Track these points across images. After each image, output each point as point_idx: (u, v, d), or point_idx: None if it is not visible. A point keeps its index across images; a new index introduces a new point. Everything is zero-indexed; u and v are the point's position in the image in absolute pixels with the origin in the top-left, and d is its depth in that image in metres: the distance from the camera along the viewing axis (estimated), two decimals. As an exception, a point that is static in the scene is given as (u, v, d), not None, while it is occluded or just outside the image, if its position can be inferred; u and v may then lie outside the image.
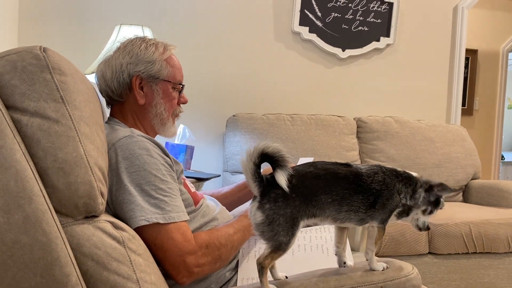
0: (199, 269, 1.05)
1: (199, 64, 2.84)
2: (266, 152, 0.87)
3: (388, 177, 0.97)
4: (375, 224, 0.98)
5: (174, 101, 1.25)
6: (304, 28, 3.02)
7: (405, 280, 0.98)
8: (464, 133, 3.08)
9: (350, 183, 0.94)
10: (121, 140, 1.06)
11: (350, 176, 0.95)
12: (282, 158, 0.88)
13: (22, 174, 0.76)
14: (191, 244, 1.03)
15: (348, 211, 0.94)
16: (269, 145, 0.87)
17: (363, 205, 0.95)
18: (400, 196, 0.98)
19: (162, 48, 1.23)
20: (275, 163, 0.88)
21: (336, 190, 0.93)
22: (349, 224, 0.99)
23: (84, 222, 0.84)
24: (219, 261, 1.10)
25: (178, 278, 1.04)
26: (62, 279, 0.78)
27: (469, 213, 2.42)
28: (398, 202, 0.98)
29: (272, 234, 0.89)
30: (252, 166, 0.88)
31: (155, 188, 1.03)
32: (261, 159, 0.88)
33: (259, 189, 0.90)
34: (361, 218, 0.97)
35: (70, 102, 0.83)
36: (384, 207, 0.97)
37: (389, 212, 0.98)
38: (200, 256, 1.04)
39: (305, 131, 2.76)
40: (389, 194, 0.97)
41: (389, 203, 0.97)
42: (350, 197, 0.94)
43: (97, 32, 2.64)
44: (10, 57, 0.81)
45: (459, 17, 3.33)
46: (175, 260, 1.01)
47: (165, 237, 1.01)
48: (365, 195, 0.95)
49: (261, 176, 0.90)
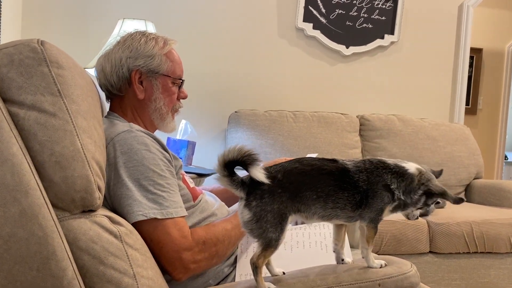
0: (195, 265, 1.04)
1: (201, 60, 2.84)
2: (229, 160, 0.87)
3: (374, 175, 0.95)
4: (365, 224, 0.97)
5: (174, 96, 1.25)
6: (308, 25, 3.00)
7: (403, 277, 0.97)
8: (467, 132, 3.07)
9: (335, 180, 0.93)
10: (120, 135, 1.06)
11: (336, 172, 0.93)
12: (247, 156, 0.86)
13: (18, 167, 0.76)
14: (188, 240, 1.03)
15: (334, 208, 0.93)
16: (228, 152, 0.86)
17: (349, 202, 0.93)
18: (391, 190, 0.95)
19: (162, 42, 1.22)
20: (243, 164, 0.87)
21: (321, 187, 0.92)
22: (337, 221, 0.97)
23: (81, 216, 0.84)
24: (216, 257, 1.09)
25: (174, 274, 1.03)
26: (58, 273, 0.77)
27: (471, 213, 2.41)
28: (388, 199, 0.95)
29: (261, 231, 0.89)
30: (226, 179, 0.88)
31: (153, 184, 1.02)
32: (228, 168, 0.88)
33: (244, 191, 0.90)
34: (349, 216, 0.95)
35: (67, 95, 0.83)
36: (371, 207, 0.95)
37: (378, 211, 0.95)
38: (196, 252, 1.04)
39: (308, 128, 2.76)
40: (376, 194, 0.94)
41: (375, 202, 0.94)
42: (335, 194, 0.92)
43: (100, 26, 2.64)
44: (7, 50, 0.81)
45: (464, 16, 3.30)
46: (171, 256, 1.01)
47: (162, 233, 1.00)
48: (350, 193, 0.93)
49: (240, 180, 0.89)
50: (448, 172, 2.87)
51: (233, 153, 0.86)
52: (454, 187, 2.89)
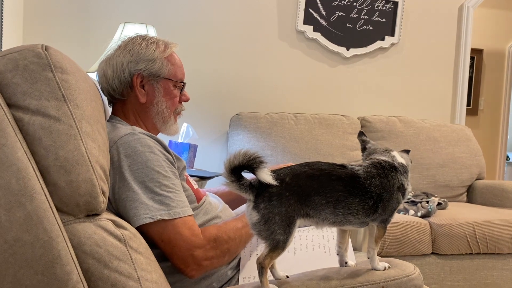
0: (208, 262, 1.05)
1: (202, 63, 2.84)
2: (235, 166, 0.87)
3: (388, 178, 0.96)
4: (376, 224, 0.97)
5: (176, 99, 1.25)
6: (309, 27, 3.01)
7: (407, 280, 0.98)
8: (468, 133, 3.07)
9: (344, 186, 0.93)
10: (123, 138, 1.06)
11: (345, 178, 0.94)
12: (253, 159, 0.87)
13: (23, 172, 0.77)
14: (199, 238, 1.04)
15: (346, 214, 0.93)
16: (233, 158, 0.87)
17: (362, 208, 0.93)
18: (404, 189, 0.98)
19: (163, 46, 1.23)
20: (249, 168, 0.88)
21: (330, 192, 0.92)
22: (350, 227, 0.98)
23: (85, 221, 0.84)
24: (228, 255, 1.10)
25: (187, 272, 1.04)
26: (63, 277, 0.78)
27: (473, 214, 2.41)
28: (401, 199, 0.98)
29: (269, 233, 0.89)
30: (234, 184, 0.89)
31: (158, 185, 1.03)
32: (235, 173, 0.88)
33: (253, 193, 0.90)
34: (362, 222, 0.96)
35: (71, 100, 0.83)
36: (386, 209, 0.96)
37: (391, 212, 0.97)
38: (208, 249, 1.05)
39: (309, 130, 2.76)
40: (392, 196, 0.96)
41: (391, 204, 0.96)
42: (346, 199, 0.92)
43: (101, 30, 2.64)
44: (12, 56, 0.82)
45: (464, 16, 3.31)
46: (183, 254, 1.02)
47: (172, 233, 1.01)
48: (362, 198, 0.93)
49: (248, 184, 0.90)
50: (449, 173, 2.87)
51: (238, 158, 0.86)
52: (456, 188, 2.89)
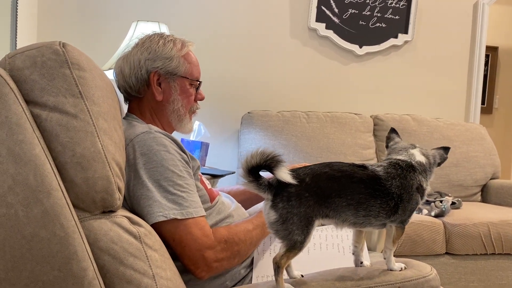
0: (218, 264, 1.05)
1: (214, 61, 2.84)
2: (252, 166, 0.86)
3: (408, 179, 0.95)
4: (394, 224, 0.96)
5: (191, 97, 1.26)
6: (321, 25, 2.99)
7: (424, 281, 0.97)
8: (483, 132, 3.03)
9: (366, 188, 0.92)
10: (139, 136, 1.07)
11: (367, 180, 0.93)
12: (271, 159, 0.86)
13: (41, 168, 0.77)
14: (210, 239, 1.04)
15: (367, 216, 0.92)
16: (250, 158, 0.86)
17: (383, 210, 0.92)
18: (423, 189, 0.98)
19: (180, 44, 1.23)
20: (268, 167, 0.87)
21: (351, 194, 0.91)
22: (370, 229, 0.97)
23: (101, 217, 0.84)
24: (238, 256, 1.10)
25: (197, 273, 1.04)
26: (79, 273, 0.78)
27: (487, 214, 2.38)
28: (418, 200, 0.97)
29: (287, 233, 0.89)
30: (252, 184, 0.88)
31: (172, 184, 1.03)
32: (254, 173, 0.87)
33: (271, 193, 0.89)
34: (383, 223, 0.95)
35: (88, 97, 0.83)
36: (405, 210, 0.95)
37: (410, 213, 0.96)
38: (219, 251, 1.04)
39: (321, 129, 2.74)
40: (412, 197, 0.95)
41: (411, 205, 0.96)
42: (367, 201, 0.91)
43: (114, 29, 2.66)
44: (30, 53, 0.82)
45: (479, 14, 3.26)
46: (194, 254, 1.02)
47: (184, 233, 1.01)
48: (384, 200, 0.92)
49: (267, 183, 0.89)
50: (464, 173, 2.84)
51: (256, 158, 0.86)
52: (470, 187, 2.85)
